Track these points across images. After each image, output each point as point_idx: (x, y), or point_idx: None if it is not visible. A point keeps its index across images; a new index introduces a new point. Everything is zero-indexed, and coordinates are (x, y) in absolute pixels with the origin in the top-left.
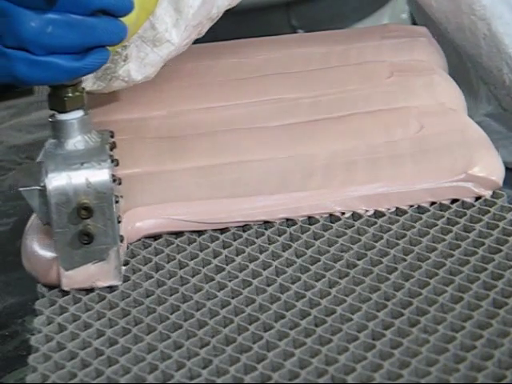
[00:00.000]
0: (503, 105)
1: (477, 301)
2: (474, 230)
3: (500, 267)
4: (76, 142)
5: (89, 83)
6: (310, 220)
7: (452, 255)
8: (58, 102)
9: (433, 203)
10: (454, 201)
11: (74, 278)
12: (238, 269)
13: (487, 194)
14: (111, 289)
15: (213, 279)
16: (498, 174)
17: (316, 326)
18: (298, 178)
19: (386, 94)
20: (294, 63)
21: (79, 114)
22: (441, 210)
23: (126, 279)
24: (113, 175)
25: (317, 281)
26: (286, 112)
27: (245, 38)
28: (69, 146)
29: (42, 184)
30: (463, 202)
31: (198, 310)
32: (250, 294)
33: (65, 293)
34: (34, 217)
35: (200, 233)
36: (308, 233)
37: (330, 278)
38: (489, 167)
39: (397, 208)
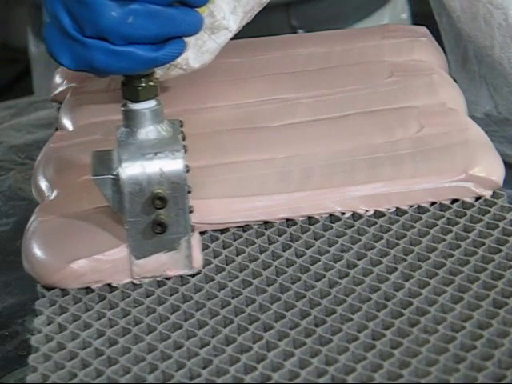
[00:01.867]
0: (499, 108)
1: (477, 301)
2: (474, 230)
3: (500, 267)
4: (148, 131)
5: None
6: (310, 220)
7: (452, 255)
8: (132, 91)
9: (433, 203)
10: (454, 201)
11: (145, 266)
12: (238, 269)
13: (487, 194)
14: (111, 289)
15: (213, 279)
16: (498, 174)
17: (316, 326)
18: (297, 178)
19: (386, 93)
20: (294, 63)
21: (152, 103)
22: (441, 210)
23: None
24: (186, 165)
25: (317, 281)
26: (286, 112)
27: (245, 38)
28: (141, 136)
29: (114, 173)
30: (463, 202)
31: (198, 310)
32: (250, 294)
33: (65, 293)
34: (33, 217)
35: (200, 233)
36: (308, 233)
37: (330, 278)
38: (489, 167)
39: (397, 208)
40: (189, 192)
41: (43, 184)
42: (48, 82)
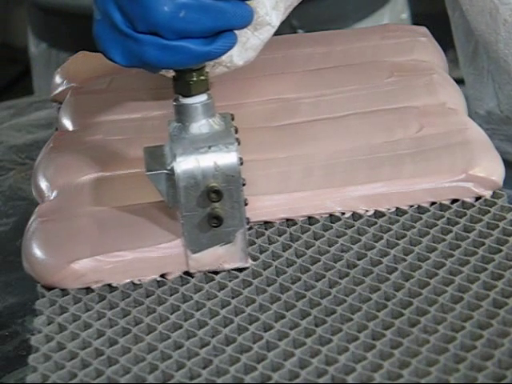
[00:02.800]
0: (501, 107)
1: (477, 301)
2: (474, 230)
3: (500, 267)
4: (201, 125)
5: None
6: (310, 220)
7: (452, 255)
8: (184, 86)
9: (433, 203)
10: (454, 201)
11: (201, 260)
12: (237, 269)
13: (487, 194)
14: (111, 289)
15: (213, 279)
16: (498, 174)
17: (316, 326)
18: (298, 178)
19: (386, 93)
20: (294, 63)
21: (203, 97)
22: (441, 210)
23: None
24: (240, 158)
25: (317, 281)
26: (286, 112)
27: None
28: (194, 130)
29: (168, 168)
30: (463, 202)
31: (197, 310)
32: (250, 294)
33: (65, 293)
34: (33, 217)
35: None
36: (308, 233)
37: (330, 278)
38: (489, 167)
39: (397, 208)
40: (243, 185)
41: (43, 184)
42: (48, 82)
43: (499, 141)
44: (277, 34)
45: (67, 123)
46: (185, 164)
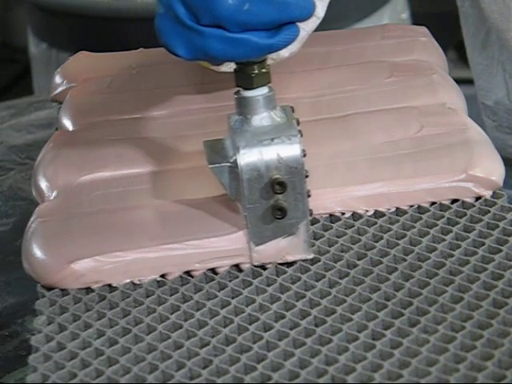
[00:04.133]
0: (511, 96)
1: (477, 301)
2: (474, 230)
3: (500, 267)
4: (262, 118)
5: (223, 66)
6: (311, 220)
7: (452, 255)
8: (245, 78)
9: (433, 203)
10: (454, 201)
11: (265, 252)
12: (238, 269)
13: (487, 194)
14: (111, 289)
15: (213, 279)
16: (498, 174)
17: (316, 326)
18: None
19: (386, 93)
20: (294, 63)
21: (264, 90)
22: (441, 210)
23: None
24: (303, 150)
25: (317, 281)
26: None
27: None
28: (255, 122)
29: (231, 160)
30: (463, 202)
31: (197, 310)
32: (250, 294)
33: (65, 293)
34: (33, 217)
35: None
36: (308, 233)
37: (330, 278)
38: (489, 167)
39: (397, 208)
40: (306, 176)
41: (43, 184)
42: (48, 82)
43: (505, 134)
44: None
45: (67, 123)
46: (248, 156)
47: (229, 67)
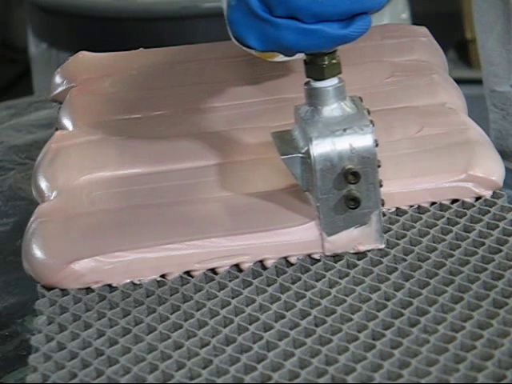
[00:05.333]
0: None
1: (477, 301)
2: (474, 230)
3: (500, 267)
4: (333, 108)
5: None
6: None
7: (452, 255)
8: (316, 69)
9: (433, 203)
10: (454, 201)
11: (337, 242)
12: (238, 269)
13: (487, 194)
14: (111, 289)
15: (213, 279)
16: (498, 175)
17: (316, 326)
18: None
19: (386, 93)
20: (294, 63)
21: (335, 81)
22: (441, 210)
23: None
24: (375, 140)
25: (317, 281)
26: (286, 112)
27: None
28: (326, 113)
29: (303, 151)
30: (463, 202)
31: (198, 310)
32: (250, 294)
33: (65, 293)
34: (33, 217)
35: None
36: None
37: (330, 278)
38: (489, 167)
39: (397, 208)
40: (378, 166)
41: (43, 184)
42: (48, 82)
43: (509, 123)
44: None
45: (67, 123)
46: (321, 147)
47: (284, 59)
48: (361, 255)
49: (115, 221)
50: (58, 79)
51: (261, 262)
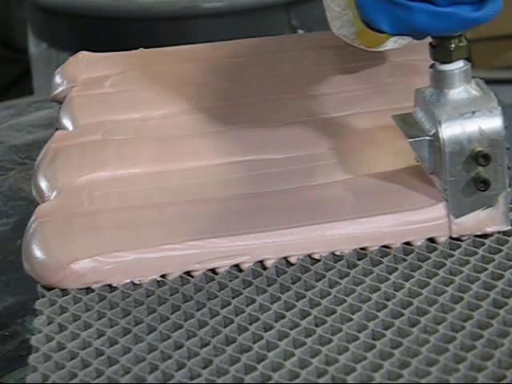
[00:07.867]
0: None
1: (477, 301)
2: None
3: (500, 267)
4: (459, 91)
5: (390, 42)
6: None
7: (452, 255)
8: (444, 52)
9: None
10: None
11: (464, 224)
12: (238, 269)
13: None
14: (111, 289)
15: (213, 279)
16: None
17: (316, 326)
18: (298, 178)
19: (386, 93)
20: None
21: (461, 64)
22: None
23: None
24: (504, 122)
25: (317, 281)
26: (286, 112)
27: (245, 38)
28: (453, 96)
29: (430, 134)
30: None
31: (198, 310)
32: (250, 294)
33: (65, 293)
34: (33, 217)
35: None
36: None
37: (330, 278)
38: None
39: None
40: (507, 148)
41: (43, 184)
42: (48, 82)
43: None
44: (277, 33)
45: (67, 123)
46: (450, 130)
47: (387, 47)
48: (361, 255)
49: (115, 221)
50: (58, 79)
51: (261, 262)
